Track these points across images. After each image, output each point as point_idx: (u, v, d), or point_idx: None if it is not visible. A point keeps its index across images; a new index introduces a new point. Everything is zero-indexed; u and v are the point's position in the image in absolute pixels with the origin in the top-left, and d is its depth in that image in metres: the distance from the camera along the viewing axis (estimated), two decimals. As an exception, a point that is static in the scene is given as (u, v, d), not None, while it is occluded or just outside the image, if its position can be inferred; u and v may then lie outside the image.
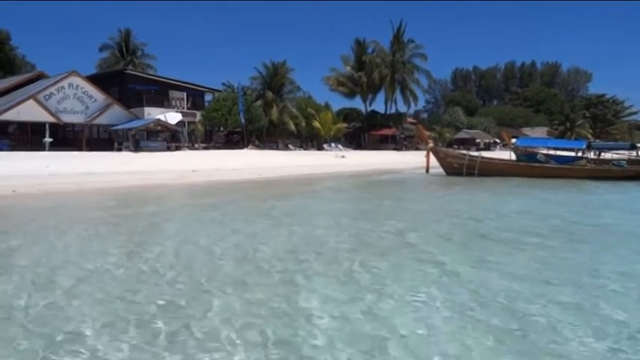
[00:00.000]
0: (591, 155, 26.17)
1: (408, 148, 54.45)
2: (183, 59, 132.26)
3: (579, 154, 25.23)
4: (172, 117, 38.90)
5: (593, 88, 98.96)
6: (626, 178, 22.31)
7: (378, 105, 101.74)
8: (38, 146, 31.19)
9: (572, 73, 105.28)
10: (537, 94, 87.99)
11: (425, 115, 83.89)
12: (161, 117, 37.69)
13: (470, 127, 66.86)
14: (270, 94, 44.61)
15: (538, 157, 24.96)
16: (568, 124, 71.10)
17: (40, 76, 40.20)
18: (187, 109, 42.58)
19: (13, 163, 19.90)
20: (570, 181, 21.12)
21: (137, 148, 31.02)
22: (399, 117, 59.58)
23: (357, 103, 59.75)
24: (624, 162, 24.36)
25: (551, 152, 25.78)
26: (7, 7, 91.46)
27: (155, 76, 44.61)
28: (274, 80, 45.77)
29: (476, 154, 27.54)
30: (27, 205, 12.17)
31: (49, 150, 30.47)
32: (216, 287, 5.12)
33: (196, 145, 39.63)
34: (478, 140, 63.47)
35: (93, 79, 38.31)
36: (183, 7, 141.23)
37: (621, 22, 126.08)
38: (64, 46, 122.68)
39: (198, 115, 42.56)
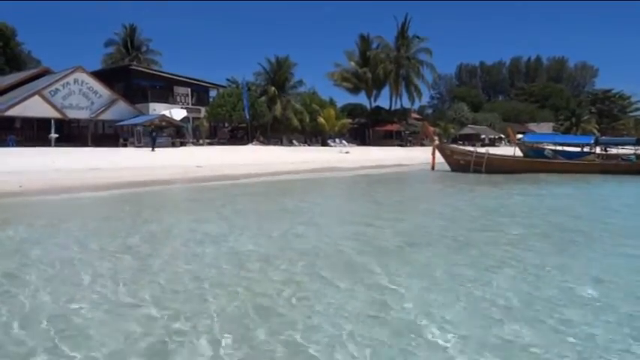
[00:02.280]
0: (598, 150, 26.07)
1: (412, 144, 54.25)
2: (187, 55, 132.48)
3: (586, 149, 25.08)
4: (177, 113, 38.95)
5: (600, 83, 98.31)
6: (635, 172, 22.14)
7: (383, 101, 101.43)
8: (44, 142, 31.28)
9: (578, 68, 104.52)
10: (543, 89, 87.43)
11: (430, 111, 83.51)
12: (166, 113, 37.72)
13: (475, 123, 66.51)
14: (273, 90, 44.49)
15: (546, 152, 24.79)
16: (574, 120, 70.79)
17: (46, 72, 40.27)
18: (192, 104, 42.57)
19: (20, 158, 19.95)
20: (577, 176, 20.95)
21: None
22: (403, 113, 59.33)
23: (362, 99, 59.59)
24: (633, 156, 24.19)
25: (559, 148, 25.63)
26: (13, 3, 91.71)
27: (160, 71, 44.59)
28: (278, 75, 45.65)
29: (482, 150, 27.33)
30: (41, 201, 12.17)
31: (55, 146, 30.55)
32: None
33: (201, 141, 39.64)
34: (483, 136, 63.19)
35: (98, 75, 38.35)
36: (188, 4, 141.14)
37: (628, 17, 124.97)
38: (69, 42, 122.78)
39: (203, 110, 42.55)
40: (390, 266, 5.74)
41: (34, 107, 33.25)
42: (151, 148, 29.70)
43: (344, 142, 50.20)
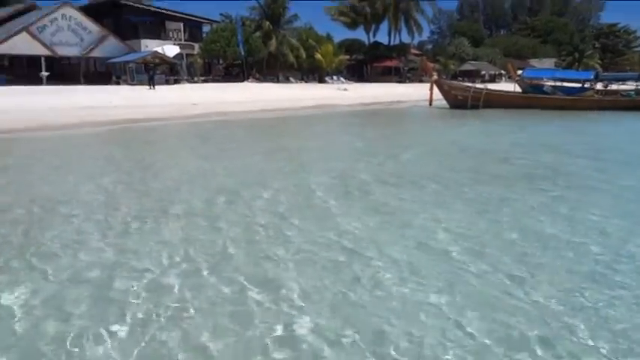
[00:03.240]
0: (599, 86, 25.71)
1: (411, 81, 53.43)
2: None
3: (587, 85, 24.75)
4: (170, 49, 37.95)
5: (606, 18, 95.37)
6: (634, 108, 22.01)
7: (382, 36, 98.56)
8: (34, 80, 30.62)
9: (584, 1, 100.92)
10: (546, 23, 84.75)
11: (429, 47, 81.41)
12: (159, 49, 36.77)
13: (475, 59, 65.13)
14: (268, 25, 43.08)
15: (545, 88, 24.49)
16: (576, 55, 69.29)
17: (32, 8, 38.74)
18: (185, 41, 41.38)
19: (13, 97, 19.66)
20: (574, 112, 20.86)
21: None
22: (402, 48, 57.88)
23: (360, 34, 57.89)
24: (632, 92, 23.95)
25: (558, 84, 25.29)
26: None
27: (150, 6, 42.90)
28: (272, 9, 44.03)
29: (481, 86, 26.96)
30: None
31: (47, 84, 30.01)
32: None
33: (195, 79, 38.94)
34: (483, 72, 62.08)
35: (86, 10, 36.94)
36: None
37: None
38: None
39: (197, 47, 41.43)
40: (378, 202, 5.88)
41: (22, 45, 32.32)
42: (148, 86, 29.06)
43: (342, 78, 49.35)
